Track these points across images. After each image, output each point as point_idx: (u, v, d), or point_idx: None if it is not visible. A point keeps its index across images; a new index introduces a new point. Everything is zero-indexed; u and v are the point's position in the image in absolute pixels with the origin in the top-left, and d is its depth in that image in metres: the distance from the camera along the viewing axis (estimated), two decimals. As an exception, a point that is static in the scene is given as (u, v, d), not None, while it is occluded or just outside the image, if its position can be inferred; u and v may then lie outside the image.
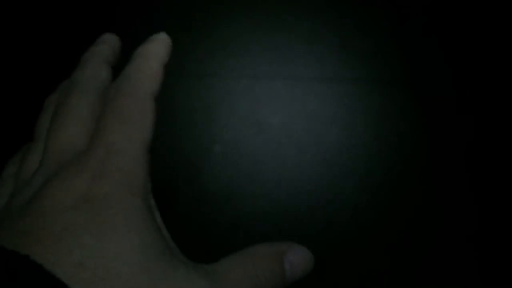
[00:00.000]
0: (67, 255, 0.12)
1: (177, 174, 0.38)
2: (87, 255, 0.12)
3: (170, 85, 0.41)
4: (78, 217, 0.13)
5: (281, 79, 0.42)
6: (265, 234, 0.36)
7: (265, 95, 0.41)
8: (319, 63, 0.43)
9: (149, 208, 0.15)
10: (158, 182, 0.37)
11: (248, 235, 0.36)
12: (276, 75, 0.42)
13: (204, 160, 0.38)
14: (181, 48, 0.43)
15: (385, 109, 0.40)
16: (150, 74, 0.17)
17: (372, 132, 0.39)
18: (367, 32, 0.44)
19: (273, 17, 0.45)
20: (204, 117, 0.40)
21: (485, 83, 0.41)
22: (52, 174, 0.14)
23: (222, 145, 0.39)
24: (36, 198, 0.13)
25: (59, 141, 0.15)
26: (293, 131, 0.40)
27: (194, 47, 0.44)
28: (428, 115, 0.40)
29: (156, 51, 0.18)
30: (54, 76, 0.41)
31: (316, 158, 0.38)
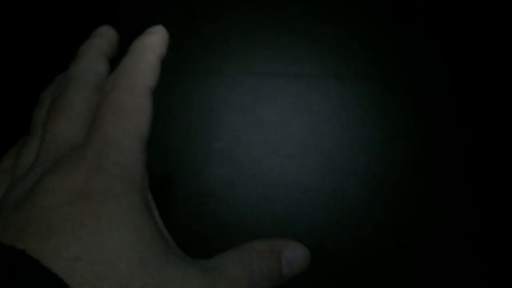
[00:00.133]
0: (64, 250, 0.12)
1: (177, 172, 0.38)
2: (84, 250, 0.12)
3: (170, 82, 0.41)
4: (75, 212, 0.12)
5: (281, 77, 0.42)
6: (265, 231, 0.35)
7: (265, 93, 0.41)
8: (320, 60, 0.42)
9: (147, 203, 0.14)
10: (158, 180, 0.37)
11: (248, 232, 0.35)
12: (277, 73, 0.42)
13: (204, 157, 0.38)
14: (180, 46, 0.43)
15: (385, 107, 0.40)
16: (147, 68, 0.17)
17: (372, 130, 0.39)
18: (367, 31, 0.44)
19: (273, 14, 0.45)
20: (204, 114, 0.40)
21: (485, 83, 0.41)
22: (49, 168, 0.14)
23: (222, 142, 0.39)
24: (33, 193, 0.13)
25: (56, 135, 0.15)
26: (293, 128, 0.39)
27: (194, 44, 0.43)
28: (428, 113, 0.40)
29: (153, 44, 0.18)
30: (50, 70, 0.41)
31: (316, 155, 0.38)
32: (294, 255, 0.16)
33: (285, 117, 0.40)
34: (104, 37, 0.19)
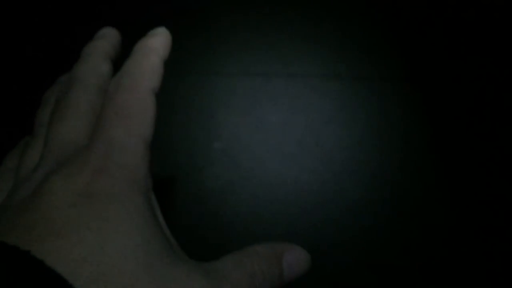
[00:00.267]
0: (69, 251, 0.12)
1: (176, 171, 0.38)
2: (89, 251, 0.12)
3: (168, 82, 0.41)
4: (79, 213, 0.12)
5: (281, 77, 0.42)
6: (264, 231, 0.35)
7: (265, 92, 0.41)
8: (319, 60, 0.42)
9: (150, 205, 0.14)
10: (157, 179, 0.37)
11: (248, 232, 0.35)
12: (276, 72, 0.42)
13: (204, 157, 0.38)
14: (179, 45, 0.43)
15: (385, 106, 0.40)
16: (150, 69, 0.17)
17: (372, 129, 0.39)
18: (367, 30, 0.44)
19: (272, 14, 0.45)
20: (203, 114, 0.40)
21: (485, 82, 0.41)
22: (53, 169, 0.14)
23: (221, 142, 0.39)
24: (37, 194, 0.13)
25: (60, 136, 0.15)
26: (293, 128, 0.40)
27: (193, 44, 0.43)
28: (427, 113, 0.40)
29: (156, 46, 0.18)
30: (51, 70, 0.41)
31: (316, 155, 0.38)
32: (295, 259, 0.17)
33: (285, 117, 0.40)
34: (107, 39, 0.19)
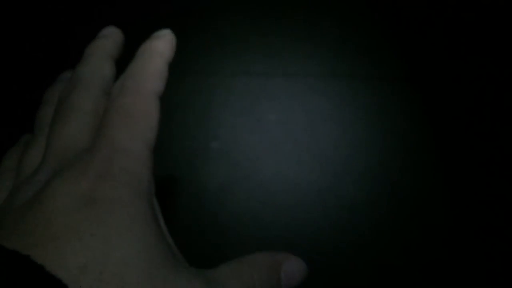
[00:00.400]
0: (72, 257, 0.11)
1: (173, 171, 0.37)
2: (92, 258, 0.12)
3: (167, 82, 0.40)
4: (82, 219, 0.12)
5: (278, 76, 0.42)
6: (262, 231, 0.35)
7: (262, 92, 0.41)
8: (318, 59, 0.42)
9: (153, 211, 0.14)
10: (154, 179, 0.37)
11: (245, 232, 0.35)
12: (274, 72, 0.42)
13: (201, 157, 0.38)
14: (178, 46, 0.42)
15: (384, 105, 0.40)
16: (155, 73, 0.17)
17: (371, 128, 0.39)
18: (365, 29, 0.44)
19: (270, 13, 0.45)
20: (200, 113, 0.40)
21: (485, 81, 0.41)
22: (55, 172, 0.14)
23: (219, 142, 0.39)
24: (39, 198, 0.13)
25: (62, 138, 0.15)
26: (291, 127, 0.39)
27: (191, 44, 0.43)
28: (427, 111, 0.40)
29: (161, 49, 0.18)
30: (52, 70, 0.40)
31: (314, 154, 0.38)
32: (293, 269, 0.17)
33: (283, 116, 0.40)
34: (110, 39, 0.19)
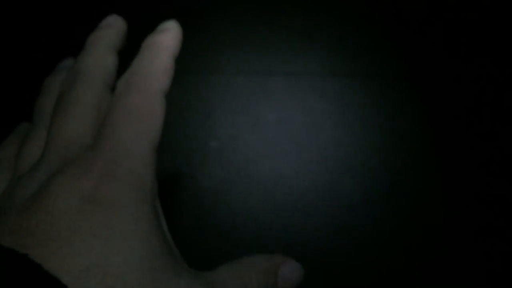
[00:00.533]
0: (74, 259, 0.11)
1: (172, 170, 0.37)
2: (95, 261, 0.11)
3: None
4: (85, 220, 0.12)
5: (278, 75, 0.41)
6: (260, 230, 0.35)
7: (262, 91, 0.41)
8: (317, 58, 0.42)
9: (156, 213, 0.14)
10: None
11: (244, 231, 0.35)
12: (273, 71, 0.42)
13: (200, 156, 0.38)
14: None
15: (383, 105, 0.40)
16: (161, 69, 0.16)
17: (370, 128, 0.39)
18: (364, 28, 0.44)
19: (270, 11, 0.44)
20: (199, 112, 0.40)
21: (484, 80, 0.41)
22: (57, 168, 0.13)
23: (218, 141, 0.39)
24: (40, 195, 0.12)
25: (63, 133, 0.14)
26: (290, 127, 0.39)
27: (190, 42, 0.43)
28: (427, 110, 0.40)
29: (167, 43, 0.17)
30: (52, 70, 0.40)
31: (313, 154, 0.38)
32: (290, 271, 0.18)
33: (282, 115, 0.40)
34: (113, 28, 0.18)
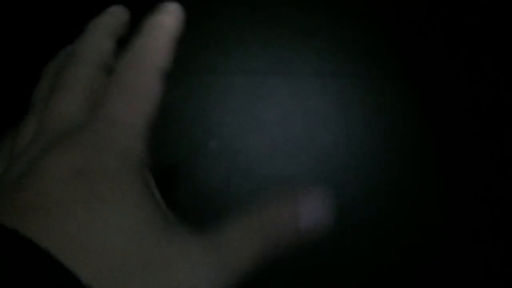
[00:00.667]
0: (59, 228, 0.11)
1: (172, 170, 0.37)
2: (79, 228, 0.12)
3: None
4: (71, 190, 0.12)
5: (277, 75, 0.42)
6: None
7: (261, 91, 0.41)
8: (316, 58, 0.43)
9: (146, 183, 0.14)
10: (153, 177, 0.37)
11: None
12: (273, 71, 0.42)
13: (200, 156, 0.38)
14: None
15: (383, 104, 0.40)
16: (159, 48, 0.16)
17: (370, 127, 0.39)
18: (364, 28, 0.44)
19: (270, 12, 0.45)
20: (199, 112, 0.40)
21: (484, 80, 0.41)
22: (47, 146, 0.14)
23: (217, 141, 0.39)
24: (30, 171, 0.13)
25: (55, 111, 0.15)
26: (290, 126, 0.39)
27: (190, 42, 0.44)
28: (426, 110, 0.40)
29: (167, 23, 0.17)
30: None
31: (313, 154, 0.38)
32: (313, 206, 0.15)
33: (281, 115, 0.40)
34: (114, 16, 0.18)
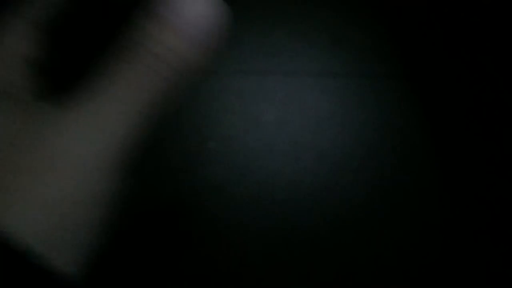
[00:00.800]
0: None
1: (169, 172, 0.38)
2: None
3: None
4: None
5: (276, 75, 0.42)
6: (259, 230, 0.35)
7: (260, 91, 0.41)
8: (314, 58, 0.42)
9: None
10: (151, 179, 0.37)
11: (242, 231, 0.35)
12: (271, 71, 0.42)
13: (198, 157, 0.38)
14: None
15: (381, 103, 0.40)
16: None
17: (368, 127, 0.39)
18: (362, 26, 0.44)
19: (267, 11, 0.45)
20: (197, 113, 0.40)
21: (484, 80, 0.41)
22: None
23: (216, 142, 0.39)
24: None
25: None
26: (288, 127, 0.39)
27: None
28: (426, 110, 0.39)
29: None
30: None
31: (312, 154, 0.38)
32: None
33: (280, 115, 0.40)
34: None
